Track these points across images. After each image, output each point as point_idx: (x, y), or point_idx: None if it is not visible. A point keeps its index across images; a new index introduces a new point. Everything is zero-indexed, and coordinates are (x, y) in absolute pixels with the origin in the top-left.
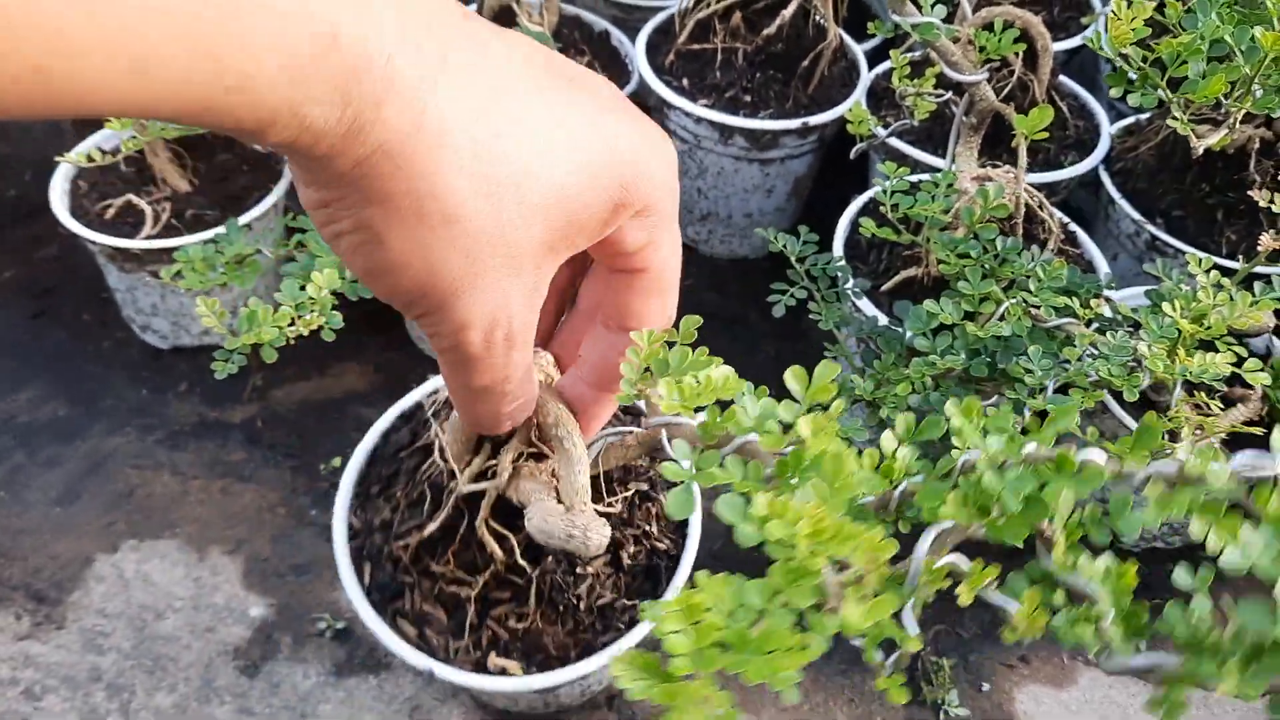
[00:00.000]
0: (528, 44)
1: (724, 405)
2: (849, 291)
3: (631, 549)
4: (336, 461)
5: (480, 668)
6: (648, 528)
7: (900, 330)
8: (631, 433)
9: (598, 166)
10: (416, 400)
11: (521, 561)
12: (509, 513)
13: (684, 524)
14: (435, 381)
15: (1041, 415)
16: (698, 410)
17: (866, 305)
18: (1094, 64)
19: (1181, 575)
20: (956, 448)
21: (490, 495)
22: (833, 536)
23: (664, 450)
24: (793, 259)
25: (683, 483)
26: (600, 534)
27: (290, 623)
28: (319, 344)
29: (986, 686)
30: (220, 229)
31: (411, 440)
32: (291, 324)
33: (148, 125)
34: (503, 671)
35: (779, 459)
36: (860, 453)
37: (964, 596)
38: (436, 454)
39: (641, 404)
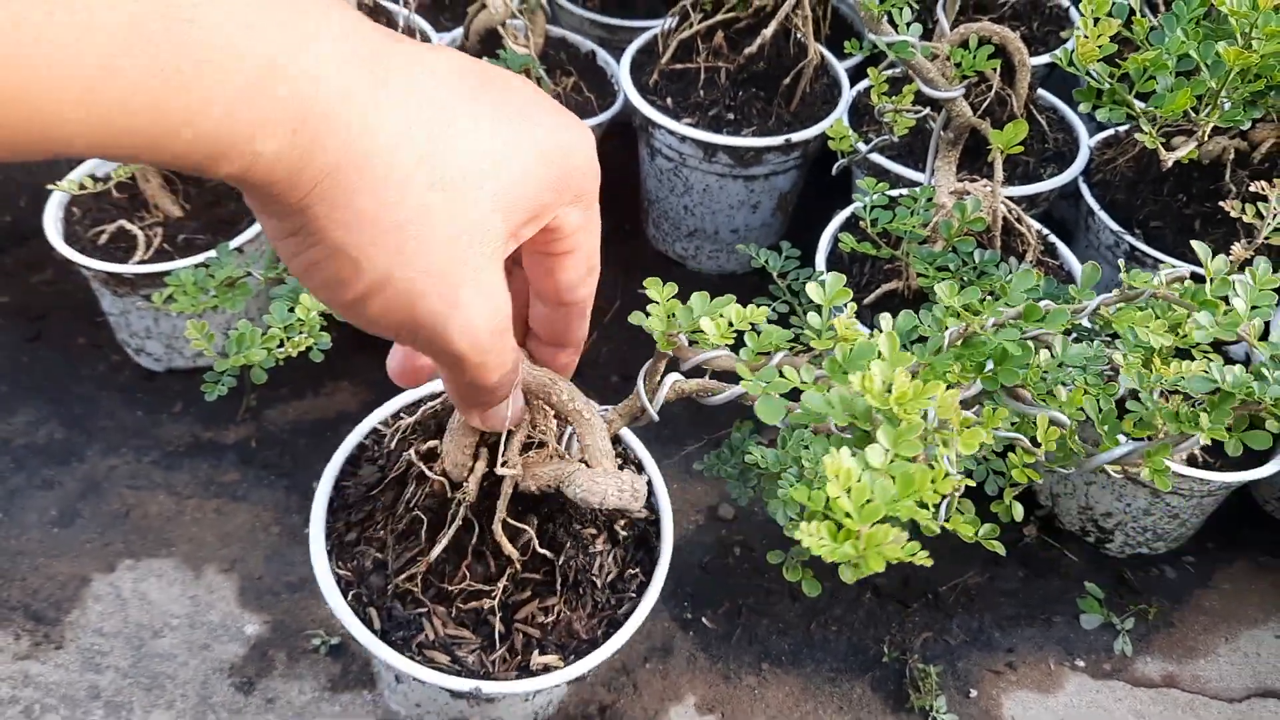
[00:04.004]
0: (458, 56)
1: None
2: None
3: (622, 521)
4: None
5: (524, 671)
6: None
7: None
8: (610, 409)
9: (536, 161)
10: (358, 442)
11: (542, 550)
12: (517, 511)
13: (652, 492)
14: (371, 420)
15: None
16: (737, 343)
17: None
18: (1074, 78)
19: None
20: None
21: (507, 490)
22: (916, 394)
23: (647, 414)
24: (775, 274)
25: (765, 394)
26: (643, 487)
27: (285, 639)
28: (312, 364)
29: (974, 693)
30: (211, 253)
31: (381, 478)
32: (280, 345)
33: None
34: (545, 669)
35: (828, 357)
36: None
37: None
38: (438, 471)
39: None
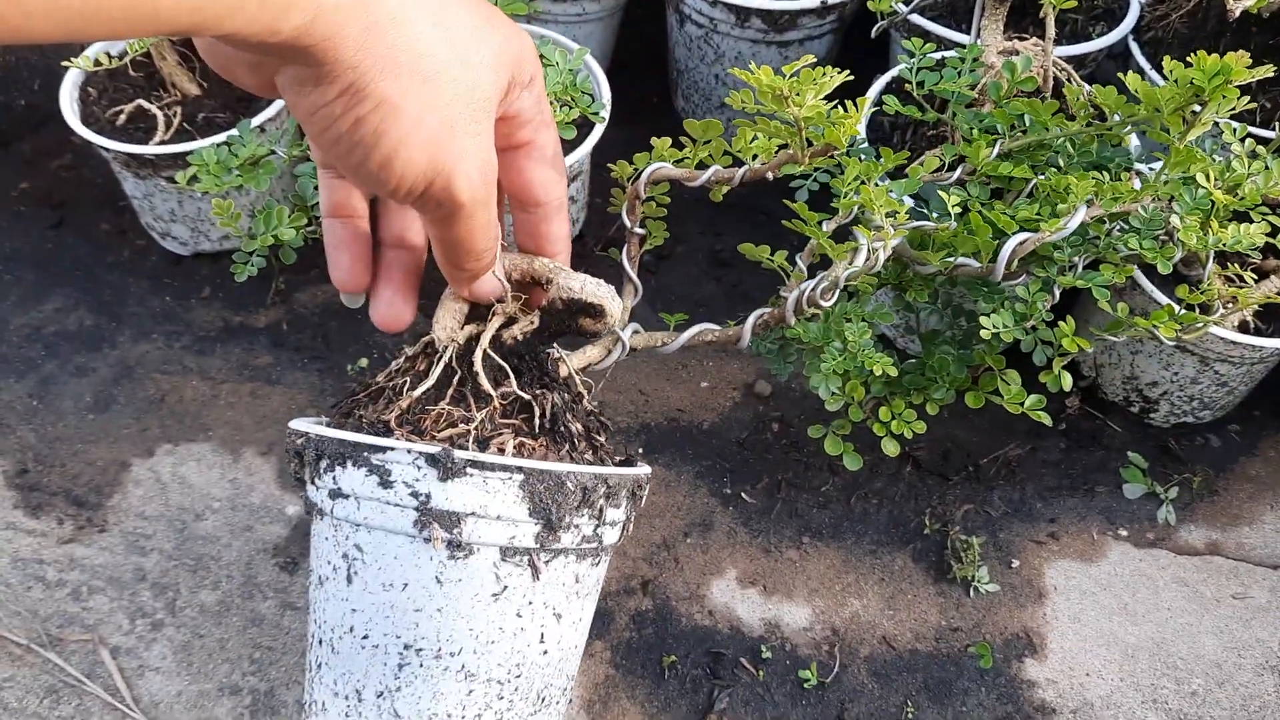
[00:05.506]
0: None
1: None
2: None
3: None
4: (363, 362)
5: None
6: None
7: (926, 213)
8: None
9: (504, 41)
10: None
11: (521, 393)
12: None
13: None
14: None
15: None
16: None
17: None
18: None
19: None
20: None
21: (491, 327)
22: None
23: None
24: None
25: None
26: (619, 298)
27: None
28: None
29: (1016, 563)
30: (233, 131)
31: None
32: (308, 224)
33: None
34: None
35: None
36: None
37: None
38: (435, 329)
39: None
